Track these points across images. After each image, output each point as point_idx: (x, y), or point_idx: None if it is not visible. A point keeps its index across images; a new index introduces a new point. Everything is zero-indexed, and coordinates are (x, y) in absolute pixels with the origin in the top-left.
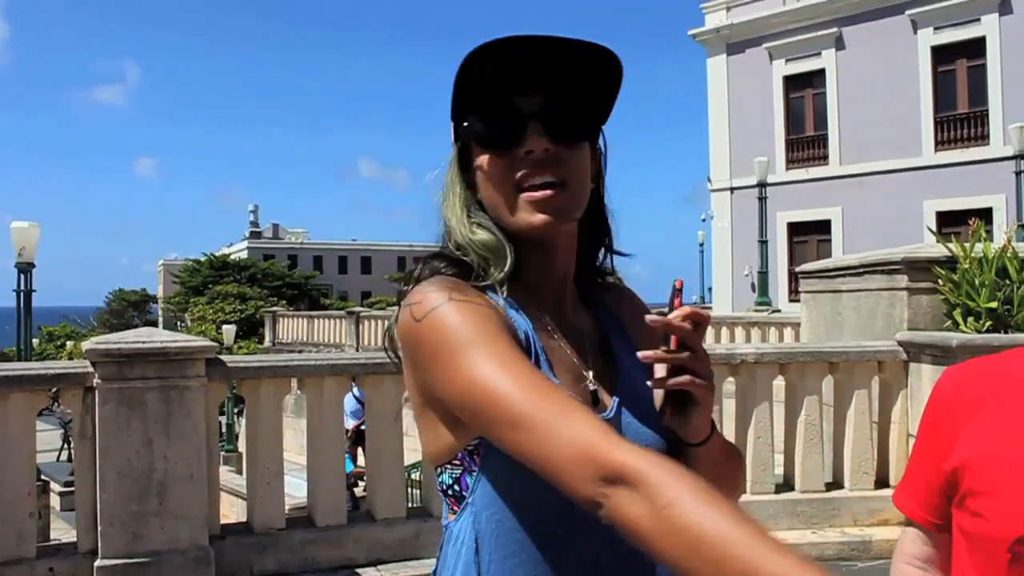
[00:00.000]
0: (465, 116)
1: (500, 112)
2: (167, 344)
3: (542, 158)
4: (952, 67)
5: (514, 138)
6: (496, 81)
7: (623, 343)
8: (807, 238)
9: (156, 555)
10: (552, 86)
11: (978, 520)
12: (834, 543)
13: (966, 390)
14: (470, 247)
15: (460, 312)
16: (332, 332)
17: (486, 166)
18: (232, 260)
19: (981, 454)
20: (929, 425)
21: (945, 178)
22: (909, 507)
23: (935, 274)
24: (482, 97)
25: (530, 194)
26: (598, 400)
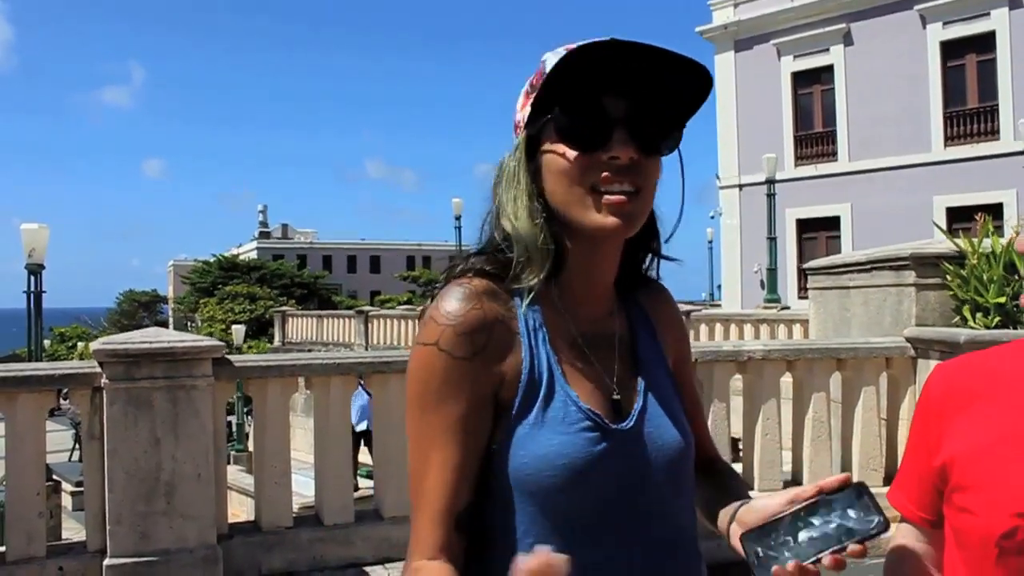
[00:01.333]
0: (551, 108)
1: (590, 112)
2: (174, 344)
3: (625, 165)
4: (962, 62)
5: (601, 140)
6: (589, 79)
7: (651, 347)
8: (816, 235)
9: (164, 554)
10: (642, 93)
11: (966, 515)
12: None
13: (956, 386)
14: (518, 240)
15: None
16: (341, 331)
17: (563, 161)
18: (241, 261)
19: (969, 449)
20: (920, 421)
21: (955, 174)
22: (903, 504)
23: (943, 270)
24: (572, 93)
25: (608, 197)
26: (620, 409)
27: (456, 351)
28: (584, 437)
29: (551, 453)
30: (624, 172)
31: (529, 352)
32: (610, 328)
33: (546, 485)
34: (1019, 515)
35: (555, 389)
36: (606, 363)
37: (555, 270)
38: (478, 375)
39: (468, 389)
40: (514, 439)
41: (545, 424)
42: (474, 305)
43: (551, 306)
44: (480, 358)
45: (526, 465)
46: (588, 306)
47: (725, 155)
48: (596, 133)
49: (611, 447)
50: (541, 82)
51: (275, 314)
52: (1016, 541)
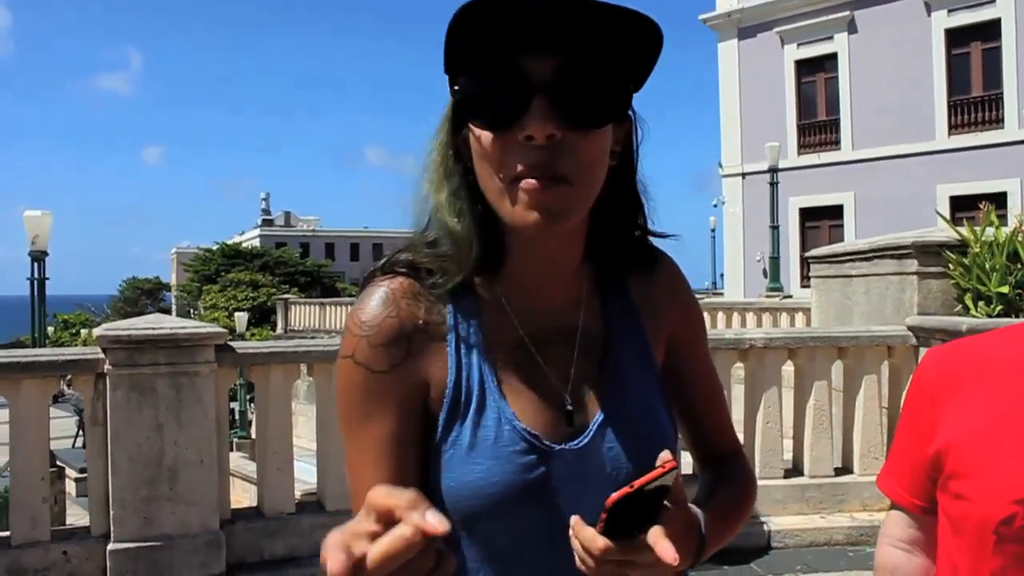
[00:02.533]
0: (458, 75)
1: (502, 76)
2: (176, 330)
3: (544, 146)
4: (966, 50)
5: (513, 115)
6: (500, 37)
7: (629, 337)
8: (819, 223)
9: (168, 539)
10: (569, 53)
11: (961, 502)
12: (843, 528)
13: (949, 371)
14: (441, 233)
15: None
16: (343, 318)
17: (477, 142)
18: (244, 248)
19: (964, 435)
20: (912, 406)
21: (959, 162)
22: (893, 490)
23: (945, 258)
24: (481, 55)
25: (526, 183)
26: (572, 422)
27: (373, 365)
28: (517, 463)
29: (478, 480)
30: (544, 155)
31: (456, 363)
32: (572, 322)
33: (474, 515)
34: (1017, 502)
35: (487, 405)
36: (561, 366)
37: (490, 263)
38: (401, 388)
39: (392, 404)
40: (441, 462)
41: (475, 447)
42: (389, 312)
43: (492, 305)
44: (400, 370)
45: (451, 491)
46: (541, 301)
47: (728, 143)
48: (510, 106)
49: (554, 472)
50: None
51: (278, 302)
52: (1014, 528)
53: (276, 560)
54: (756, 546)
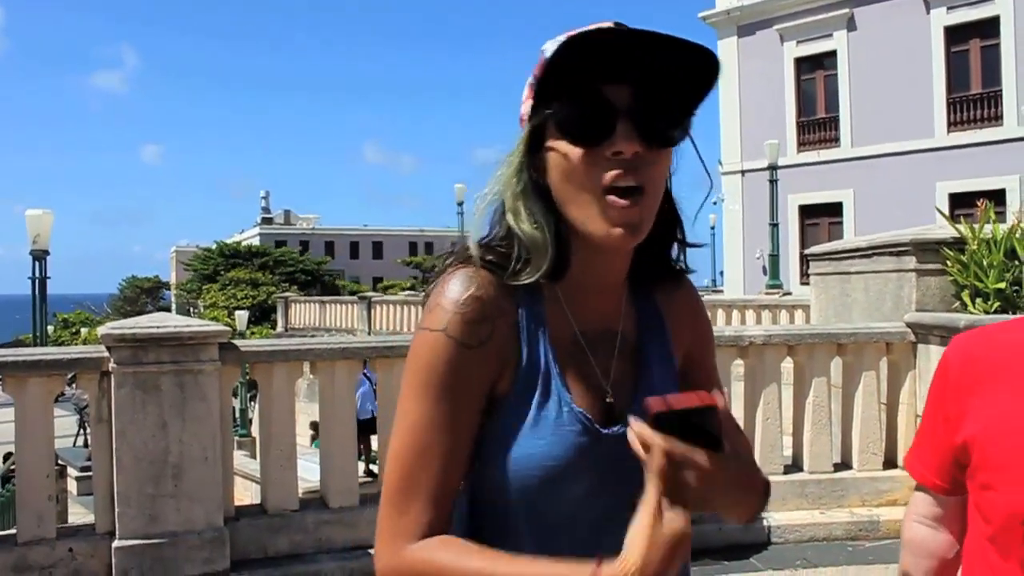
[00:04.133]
0: (551, 100)
1: (590, 102)
2: (181, 329)
3: (629, 160)
4: (965, 47)
5: (603, 134)
6: (589, 68)
7: (658, 347)
8: (819, 220)
9: (172, 536)
10: (646, 82)
11: (990, 493)
12: (842, 523)
13: (974, 359)
14: (519, 240)
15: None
16: (344, 317)
17: (565, 158)
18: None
19: (990, 427)
20: (938, 393)
21: (958, 159)
22: (920, 472)
23: (943, 255)
24: (570, 84)
25: (614, 200)
26: (613, 413)
27: (465, 339)
28: (574, 441)
29: (538, 454)
30: (630, 168)
31: (528, 347)
32: (614, 327)
33: (531, 487)
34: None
35: (551, 388)
36: (604, 363)
37: (559, 270)
38: (482, 365)
39: (474, 379)
40: (504, 436)
41: (539, 424)
42: (480, 295)
43: (553, 302)
44: (484, 348)
45: (514, 463)
46: (593, 304)
47: (727, 141)
48: (598, 126)
49: (600, 453)
50: (539, 75)
51: (278, 300)
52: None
53: (280, 557)
54: (756, 541)
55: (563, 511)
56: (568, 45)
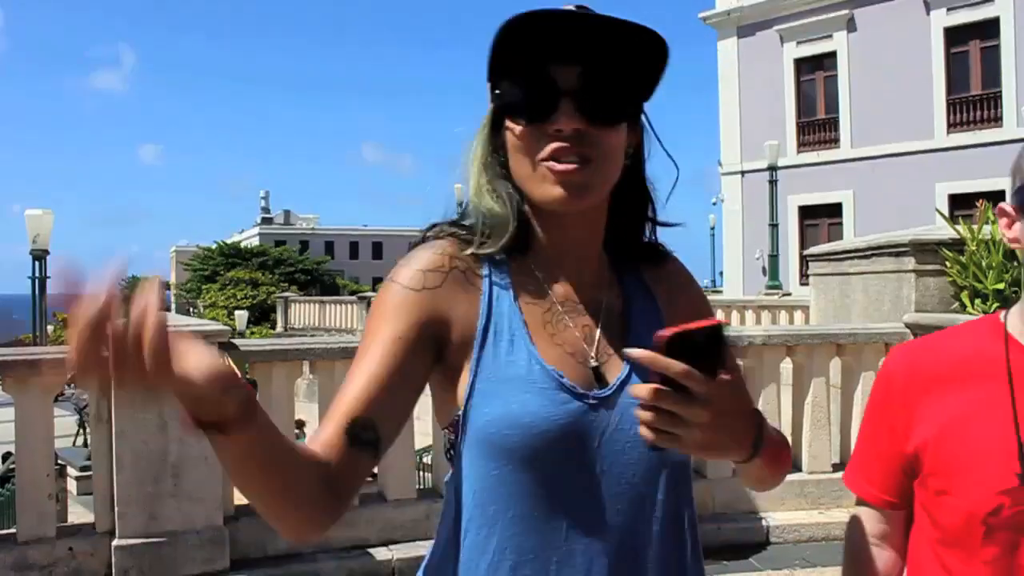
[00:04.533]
0: (499, 82)
1: (534, 83)
2: (181, 328)
3: (571, 136)
4: (965, 48)
5: (545, 112)
6: (533, 50)
7: (647, 319)
8: (818, 221)
9: (172, 535)
10: (590, 62)
11: (946, 497)
12: (841, 523)
13: (918, 368)
14: (476, 213)
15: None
16: (343, 317)
17: (514, 136)
18: (243, 246)
19: (941, 433)
20: (881, 405)
21: (958, 160)
22: (863, 488)
23: (942, 256)
24: (518, 65)
25: (552, 165)
26: (600, 377)
27: (408, 283)
28: (550, 398)
29: (513, 410)
30: (571, 143)
31: (488, 306)
32: (597, 298)
33: (507, 445)
34: (1002, 492)
35: (517, 346)
36: (588, 331)
37: (521, 243)
38: (423, 308)
39: (408, 316)
40: (475, 393)
41: (508, 381)
42: (437, 251)
43: (527, 276)
44: (429, 293)
45: (490, 423)
46: (570, 276)
47: (727, 141)
48: (541, 105)
49: (581, 412)
50: (489, 54)
51: (278, 300)
52: (1003, 517)
53: (279, 556)
54: (755, 541)
55: (548, 483)
56: (514, 24)
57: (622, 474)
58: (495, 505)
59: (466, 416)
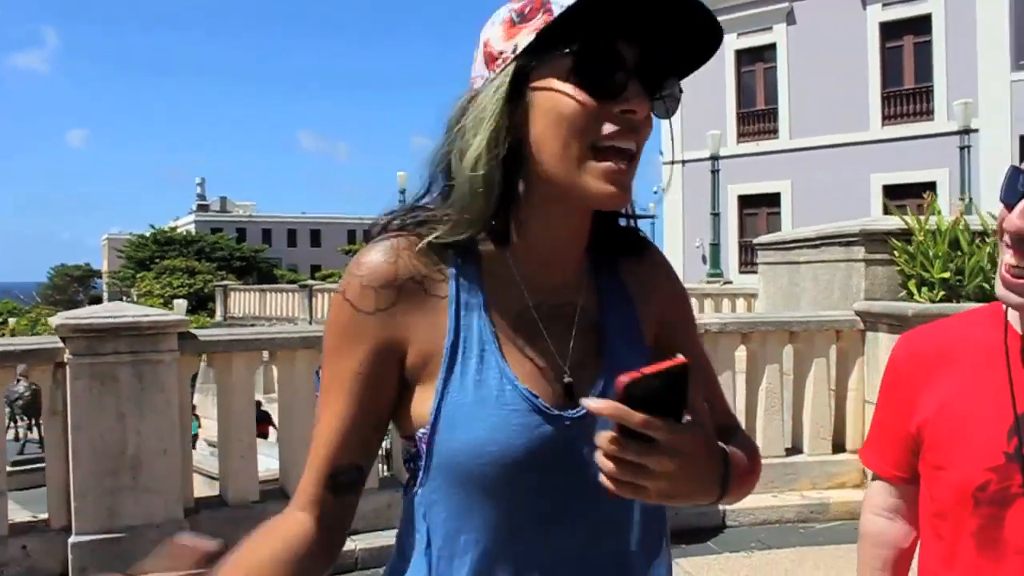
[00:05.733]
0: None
1: (608, 54)
2: (139, 318)
3: (637, 122)
4: (899, 43)
5: (618, 89)
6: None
7: (622, 319)
8: (757, 210)
9: (131, 530)
10: (652, 42)
11: (941, 472)
12: (794, 506)
13: (921, 352)
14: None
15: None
16: (285, 306)
17: (570, 105)
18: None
19: (939, 412)
20: (890, 387)
21: (891, 152)
22: (876, 463)
23: (891, 246)
24: (587, 32)
25: (612, 162)
26: (573, 394)
27: (358, 304)
28: (520, 422)
29: (480, 437)
30: (632, 128)
31: (455, 320)
32: (572, 299)
33: (476, 474)
34: (990, 469)
35: (487, 363)
36: (562, 340)
37: (503, 235)
38: (379, 332)
39: (365, 344)
40: (441, 418)
41: (476, 404)
42: (389, 260)
43: (499, 275)
44: (384, 315)
45: (455, 450)
46: (549, 275)
47: (668, 131)
48: (616, 80)
49: (554, 436)
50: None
51: (217, 288)
52: (989, 492)
53: None
54: (712, 525)
55: (518, 510)
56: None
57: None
58: (466, 535)
59: (432, 439)
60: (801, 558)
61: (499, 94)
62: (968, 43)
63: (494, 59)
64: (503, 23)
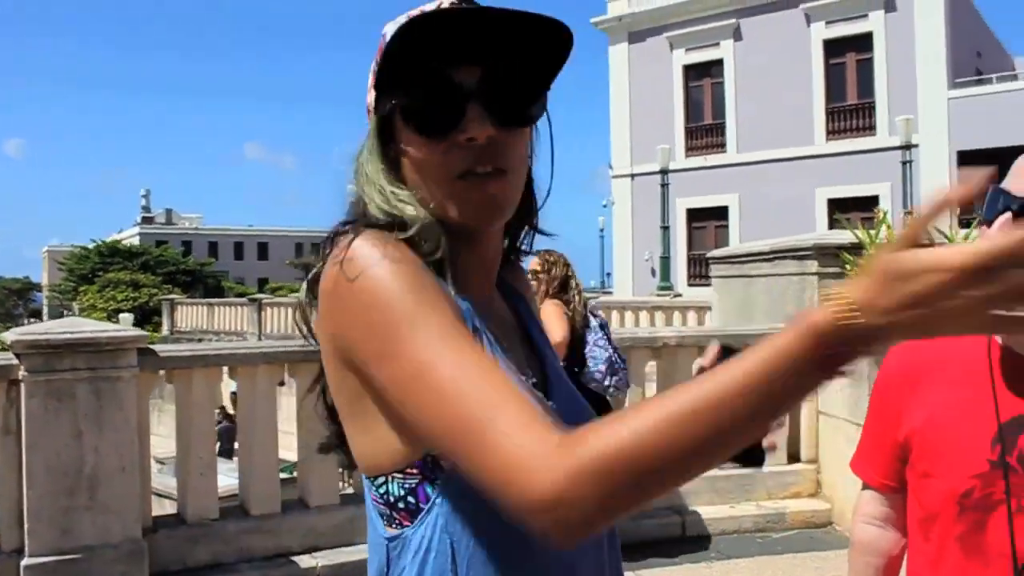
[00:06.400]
0: (392, 90)
1: (436, 89)
2: (98, 334)
3: (484, 146)
4: (842, 60)
5: (452, 121)
6: (430, 52)
7: (534, 324)
8: (706, 224)
9: (88, 550)
10: (493, 61)
11: (929, 480)
12: (751, 516)
13: (908, 365)
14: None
15: (402, 274)
16: (234, 320)
17: (416, 150)
18: (123, 246)
19: (927, 422)
20: (879, 398)
21: (835, 167)
22: (867, 472)
23: (843, 259)
24: (414, 70)
25: (470, 184)
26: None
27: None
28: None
29: None
30: (484, 153)
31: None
32: (499, 312)
33: None
34: (974, 476)
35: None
36: (513, 349)
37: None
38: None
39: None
40: None
41: None
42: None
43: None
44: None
45: None
46: (477, 291)
47: (618, 145)
48: (445, 113)
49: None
50: (378, 61)
51: (163, 302)
52: (973, 498)
53: (200, 567)
54: (672, 536)
55: None
56: (407, 27)
57: None
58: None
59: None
60: (760, 567)
61: (371, 142)
62: (908, 61)
63: (368, 110)
64: (370, 71)
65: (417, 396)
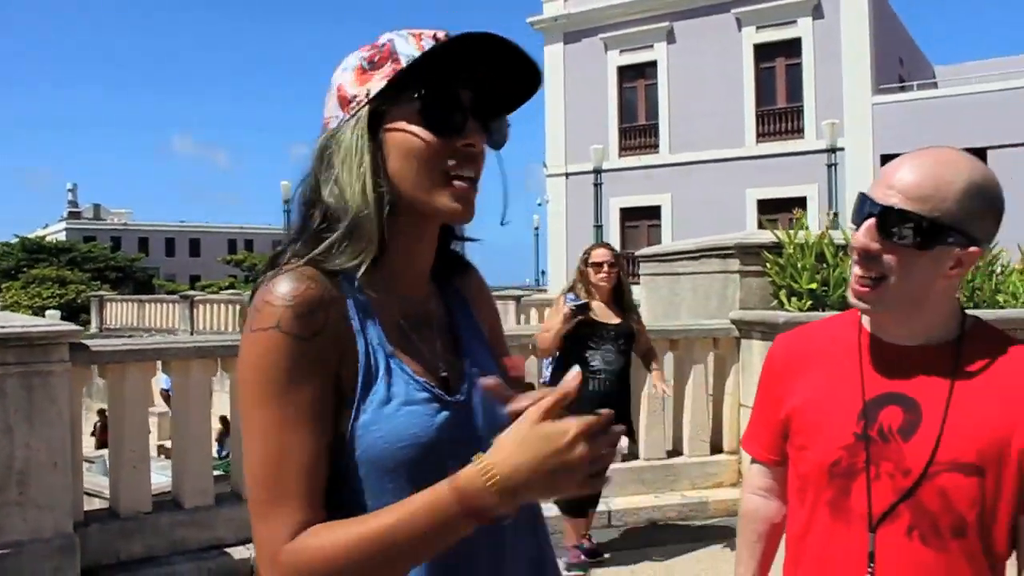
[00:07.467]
0: (411, 90)
1: (451, 99)
2: (29, 328)
3: (475, 153)
4: (772, 64)
5: (458, 128)
6: (448, 67)
7: (470, 326)
8: (639, 223)
9: (17, 546)
10: (482, 86)
11: (804, 452)
12: (675, 505)
13: (793, 351)
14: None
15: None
16: (165, 317)
17: (419, 143)
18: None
19: (804, 402)
20: (766, 381)
21: (765, 168)
22: (754, 448)
23: (764, 258)
24: (433, 79)
25: (458, 184)
26: (448, 386)
27: (300, 332)
28: (427, 409)
29: (399, 427)
30: (473, 160)
31: (362, 333)
32: (429, 310)
33: (399, 459)
34: (842, 447)
35: (392, 367)
36: (429, 343)
37: (379, 252)
38: (321, 356)
39: (317, 371)
40: (364, 419)
41: (391, 401)
42: (308, 284)
43: (375, 289)
44: (321, 338)
45: (379, 441)
46: (408, 289)
47: (552, 144)
48: (455, 121)
49: (451, 417)
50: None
51: (92, 299)
52: (840, 467)
53: (133, 561)
54: (596, 526)
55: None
56: (443, 45)
57: None
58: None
59: (352, 442)
60: (682, 553)
61: (360, 133)
62: (834, 67)
63: (348, 102)
64: (354, 70)
65: (247, 448)
